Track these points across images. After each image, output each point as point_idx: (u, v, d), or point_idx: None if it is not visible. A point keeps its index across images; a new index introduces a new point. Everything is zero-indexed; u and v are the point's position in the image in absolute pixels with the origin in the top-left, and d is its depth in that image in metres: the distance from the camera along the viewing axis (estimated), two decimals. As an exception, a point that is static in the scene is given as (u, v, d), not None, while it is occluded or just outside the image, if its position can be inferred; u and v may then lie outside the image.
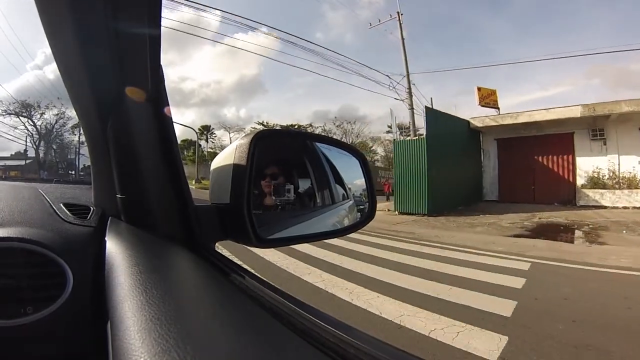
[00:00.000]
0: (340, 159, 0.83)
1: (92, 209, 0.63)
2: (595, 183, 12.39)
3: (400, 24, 16.85)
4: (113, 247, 0.47)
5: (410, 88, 16.53)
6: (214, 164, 0.63)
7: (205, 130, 44.41)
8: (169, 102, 0.58)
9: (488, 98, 14.99)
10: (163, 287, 0.34)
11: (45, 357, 0.45)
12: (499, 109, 14.74)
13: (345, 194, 0.87)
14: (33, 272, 0.45)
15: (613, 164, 12.22)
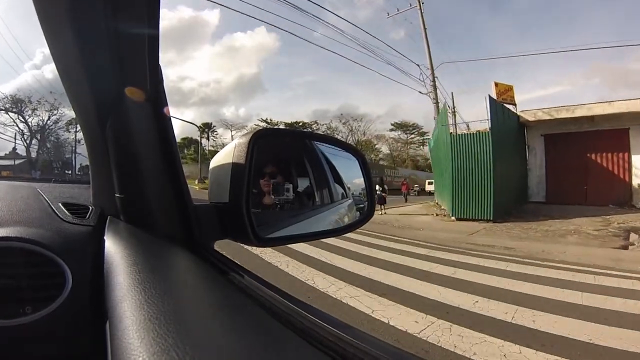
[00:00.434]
0: (339, 158, 0.83)
1: (91, 209, 0.63)
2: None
3: (422, 13, 15.91)
4: (112, 246, 0.47)
5: (435, 80, 15.64)
6: (213, 163, 0.63)
7: (207, 128, 43.62)
8: (168, 101, 0.58)
9: (505, 94, 13.81)
10: (162, 286, 0.34)
11: (45, 357, 0.45)
12: (517, 106, 13.63)
13: (345, 193, 0.87)
14: (32, 271, 0.44)
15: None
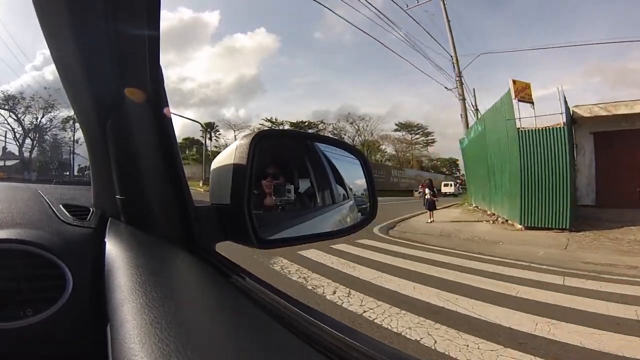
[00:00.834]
0: (341, 159, 0.83)
1: (91, 210, 0.62)
2: None
3: (444, 4, 14.99)
4: (113, 248, 0.47)
5: (460, 75, 14.73)
6: (214, 164, 0.63)
7: (209, 128, 43.03)
8: (169, 102, 0.58)
9: (523, 92, 12.46)
10: (163, 289, 0.34)
11: (45, 359, 0.45)
12: (534, 104, 12.99)
13: (346, 194, 0.87)
14: (32, 274, 0.44)
15: None
